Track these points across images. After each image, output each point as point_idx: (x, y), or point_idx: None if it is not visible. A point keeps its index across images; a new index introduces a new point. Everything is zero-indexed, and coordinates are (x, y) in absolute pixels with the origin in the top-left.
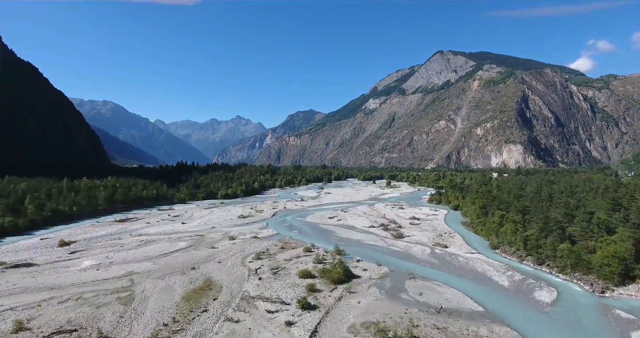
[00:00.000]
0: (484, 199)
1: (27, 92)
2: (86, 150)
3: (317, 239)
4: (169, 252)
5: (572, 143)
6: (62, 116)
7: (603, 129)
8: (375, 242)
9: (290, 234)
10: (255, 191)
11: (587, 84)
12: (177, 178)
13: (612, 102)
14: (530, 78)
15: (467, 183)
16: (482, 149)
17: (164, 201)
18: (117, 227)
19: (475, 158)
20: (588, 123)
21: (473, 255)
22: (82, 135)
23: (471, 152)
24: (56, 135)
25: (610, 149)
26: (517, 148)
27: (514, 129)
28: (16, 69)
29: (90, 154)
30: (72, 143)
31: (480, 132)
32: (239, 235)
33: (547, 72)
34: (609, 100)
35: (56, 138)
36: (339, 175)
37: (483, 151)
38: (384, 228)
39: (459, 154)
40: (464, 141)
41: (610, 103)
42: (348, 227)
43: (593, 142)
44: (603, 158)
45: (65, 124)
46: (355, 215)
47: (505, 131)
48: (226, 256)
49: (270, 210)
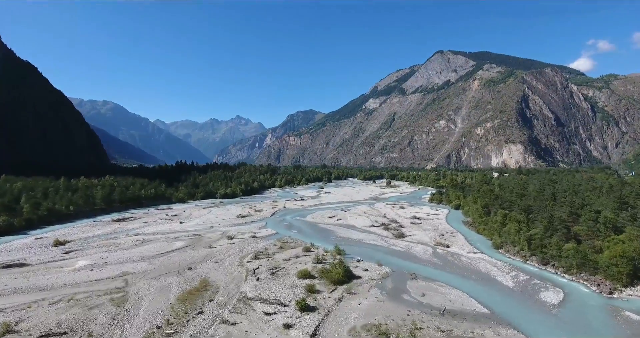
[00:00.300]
0: (486, 198)
1: (26, 92)
2: (86, 150)
3: (317, 239)
4: (165, 252)
5: (572, 142)
6: (62, 115)
7: (603, 129)
8: (376, 242)
9: (289, 234)
10: (255, 191)
11: (587, 83)
12: (176, 178)
13: (613, 102)
14: (530, 78)
15: (468, 182)
16: (482, 149)
17: (162, 200)
18: (113, 227)
19: (475, 158)
20: (588, 123)
21: (476, 254)
22: (82, 135)
23: (471, 152)
24: (56, 135)
25: (610, 149)
26: (518, 148)
27: (515, 128)
28: (16, 69)
29: (90, 153)
30: (72, 143)
31: (480, 132)
32: (238, 234)
33: (547, 72)
34: (609, 100)
35: (56, 138)
36: (339, 175)
37: (483, 150)
38: (385, 228)
39: (459, 154)
40: (464, 141)
41: (611, 103)
42: (348, 227)
43: (593, 142)
44: (603, 158)
45: (65, 123)
46: (356, 214)
47: (505, 131)
48: (224, 256)
49: (270, 210)
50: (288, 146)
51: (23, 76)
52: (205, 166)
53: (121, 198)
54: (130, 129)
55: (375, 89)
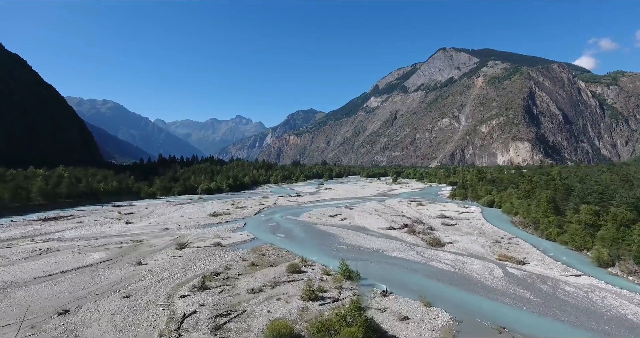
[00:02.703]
0: (551, 190)
1: (13, 85)
2: (78, 147)
3: (312, 248)
4: (57, 273)
5: (580, 140)
6: (52, 111)
7: (612, 127)
8: (404, 254)
9: (273, 239)
10: (245, 186)
11: (594, 80)
12: (156, 171)
13: (622, 98)
14: (537, 74)
15: (500, 176)
16: (487, 147)
17: (128, 195)
18: (30, 228)
19: (480, 156)
20: (597, 120)
21: (580, 278)
22: (74, 131)
23: (476, 150)
24: (45, 131)
25: (620, 147)
26: (525, 146)
27: (521, 126)
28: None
29: (83, 151)
30: (63, 139)
31: (485, 129)
32: (196, 241)
33: (554, 68)
34: (618, 97)
35: (45, 134)
36: (341, 172)
37: (488, 148)
38: (410, 231)
39: (463, 152)
40: (469, 139)
41: (620, 100)
42: (357, 229)
43: (602, 140)
44: (613, 156)
45: (55, 119)
46: (365, 212)
47: (512, 128)
48: (149, 282)
49: (256, 206)
50: (288, 145)
51: (9, 69)
52: (191, 160)
53: (70, 192)
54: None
55: (377, 87)
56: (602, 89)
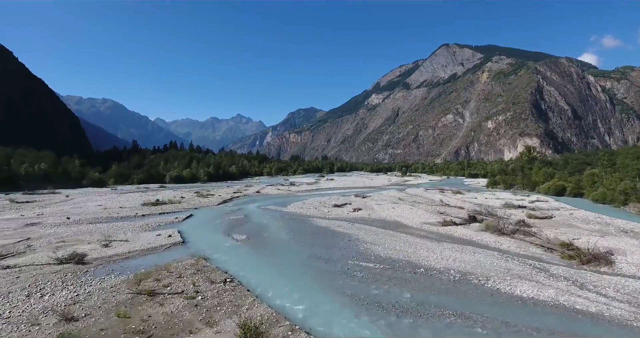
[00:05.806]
0: None
1: None
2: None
3: (302, 270)
4: None
5: (590, 136)
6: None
7: (623, 122)
8: (541, 289)
9: (218, 245)
10: (232, 176)
11: (603, 75)
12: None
13: (633, 93)
14: (544, 68)
15: (565, 155)
16: (493, 143)
17: (65, 182)
18: None
19: (486, 153)
20: (607, 116)
21: None
22: (64, 126)
23: (481, 146)
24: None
25: (631, 143)
26: (534, 141)
27: (529, 121)
28: None
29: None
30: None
31: (491, 125)
32: (47, 247)
33: (562, 62)
34: (628, 91)
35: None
36: (343, 166)
37: (495, 145)
38: (492, 228)
39: (468, 149)
40: (474, 136)
41: (631, 95)
42: (386, 224)
43: (613, 136)
44: None
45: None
46: (387, 201)
47: (520, 124)
48: None
49: (227, 195)
50: (288, 143)
51: None
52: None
53: None
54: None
55: (378, 85)
56: (612, 83)
